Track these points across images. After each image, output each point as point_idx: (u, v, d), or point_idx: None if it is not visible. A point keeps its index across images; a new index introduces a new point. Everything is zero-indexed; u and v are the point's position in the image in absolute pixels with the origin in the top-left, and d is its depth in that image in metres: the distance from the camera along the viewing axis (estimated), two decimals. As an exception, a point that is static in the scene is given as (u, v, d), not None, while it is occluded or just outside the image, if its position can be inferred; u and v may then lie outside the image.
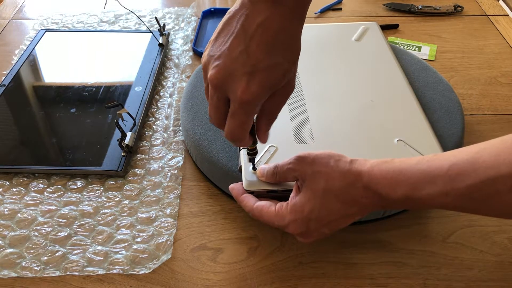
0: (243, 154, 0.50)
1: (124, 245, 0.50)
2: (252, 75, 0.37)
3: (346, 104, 0.59)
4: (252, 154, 0.47)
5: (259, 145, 0.46)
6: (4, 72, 0.75)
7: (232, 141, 0.41)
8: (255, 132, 0.43)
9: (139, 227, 0.52)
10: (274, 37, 0.37)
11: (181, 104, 0.64)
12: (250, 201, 0.46)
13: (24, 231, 0.52)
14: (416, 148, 0.52)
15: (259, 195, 0.47)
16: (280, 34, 0.37)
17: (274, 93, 0.40)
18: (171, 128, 0.65)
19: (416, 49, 0.82)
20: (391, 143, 0.53)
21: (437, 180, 0.37)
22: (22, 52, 0.79)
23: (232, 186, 0.49)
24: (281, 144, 0.52)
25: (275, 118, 0.42)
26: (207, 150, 0.56)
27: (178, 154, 0.61)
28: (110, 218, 0.53)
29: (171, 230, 0.52)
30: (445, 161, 0.37)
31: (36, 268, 0.48)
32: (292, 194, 0.44)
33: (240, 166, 0.50)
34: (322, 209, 0.41)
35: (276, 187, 0.47)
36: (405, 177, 0.39)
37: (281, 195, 0.46)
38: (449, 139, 0.57)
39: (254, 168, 0.49)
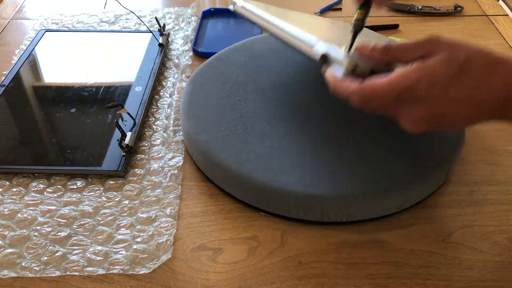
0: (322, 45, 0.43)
1: (124, 245, 0.50)
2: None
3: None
4: (359, 27, 0.42)
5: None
6: (4, 72, 0.75)
7: None
8: None
9: (139, 227, 0.52)
10: None
11: (180, 110, 0.63)
12: (355, 82, 0.40)
13: (24, 231, 0.52)
14: None
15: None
16: None
17: None
18: (171, 128, 0.65)
19: (416, 49, 0.82)
20: None
21: None
22: (22, 52, 0.79)
23: (329, 74, 0.42)
24: None
25: None
26: (216, 158, 0.54)
27: (178, 154, 0.61)
28: (110, 218, 0.53)
29: (171, 230, 0.52)
30: None
31: (36, 268, 0.48)
32: None
33: (324, 55, 0.43)
34: (454, 78, 0.37)
35: (385, 67, 0.40)
36: None
37: None
38: (449, 138, 0.57)
39: (349, 50, 0.41)
